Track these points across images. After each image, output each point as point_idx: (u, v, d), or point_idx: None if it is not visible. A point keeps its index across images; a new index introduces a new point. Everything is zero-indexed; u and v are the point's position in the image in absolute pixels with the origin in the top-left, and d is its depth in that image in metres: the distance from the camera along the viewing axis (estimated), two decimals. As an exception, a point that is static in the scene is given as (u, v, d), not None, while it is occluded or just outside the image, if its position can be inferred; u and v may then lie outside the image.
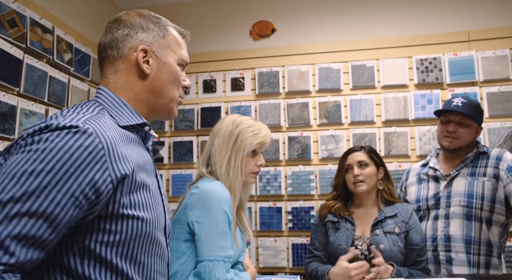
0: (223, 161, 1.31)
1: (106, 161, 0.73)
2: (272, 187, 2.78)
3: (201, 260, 1.16)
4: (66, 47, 2.37)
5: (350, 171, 1.73)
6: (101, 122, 0.77)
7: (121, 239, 0.75)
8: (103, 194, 0.72)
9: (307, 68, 2.85)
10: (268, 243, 2.73)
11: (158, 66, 0.91)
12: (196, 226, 1.19)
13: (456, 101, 1.87)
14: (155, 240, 0.83)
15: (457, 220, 1.80)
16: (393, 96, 2.70)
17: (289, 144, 2.80)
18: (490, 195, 1.77)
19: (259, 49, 2.96)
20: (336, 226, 1.69)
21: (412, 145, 2.65)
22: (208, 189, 1.22)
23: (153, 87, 0.91)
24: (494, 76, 2.60)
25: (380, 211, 1.69)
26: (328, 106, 2.78)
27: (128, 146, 0.82)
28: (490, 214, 1.77)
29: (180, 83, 0.96)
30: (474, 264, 1.75)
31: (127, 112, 0.88)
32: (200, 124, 2.93)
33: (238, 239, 1.30)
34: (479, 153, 1.88)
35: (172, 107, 0.95)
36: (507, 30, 2.63)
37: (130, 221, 0.76)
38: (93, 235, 0.74)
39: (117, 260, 0.75)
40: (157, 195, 0.87)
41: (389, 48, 2.76)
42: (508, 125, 2.53)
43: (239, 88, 2.93)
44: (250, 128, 1.34)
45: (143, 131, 0.92)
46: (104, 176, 0.72)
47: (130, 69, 0.89)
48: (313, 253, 1.72)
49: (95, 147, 0.72)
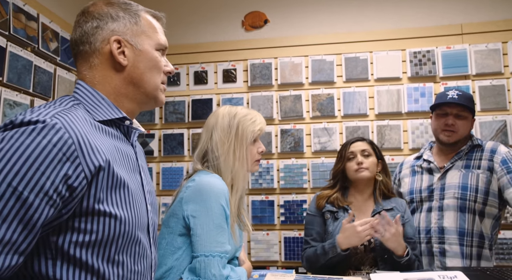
0: (228, 154, 1.27)
1: (78, 157, 0.69)
2: (264, 180, 2.75)
3: (197, 256, 1.12)
4: (52, 35, 2.28)
5: (353, 159, 1.72)
6: (71, 115, 0.73)
7: (97, 239, 0.71)
8: (77, 190, 0.68)
9: (300, 60, 2.81)
10: (260, 237, 2.70)
11: (134, 56, 0.86)
12: (191, 221, 1.15)
13: (451, 93, 1.86)
14: (135, 239, 0.78)
15: (451, 212, 1.80)
16: (386, 89, 2.69)
17: (281, 137, 2.77)
18: (484, 187, 1.78)
19: (252, 40, 2.91)
20: (335, 216, 1.67)
21: (405, 138, 2.65)
22: (205, 182, 1.18)
23: (132, 78, 0.86)
24: (486, 70, 2.60)
25: (377, 203, 1.69)
26: (321, 99, 2.76)
27: (104, 140, 0.77)
28: (483, 206, 1.77)
29: (161, 69, 0.90)
30: (467, 256, 1.76)
31: (104, 106, 0.83)
32: (191, 117, 2.87)
33: (236, 235, 1.26)
34: (474, 146, 1.88)
35: (157, 94, 0.90)
36: (500, 24, 2.63)
37: (107, 219, 0.72)
38: (66, 235, 0.69)
39: (93, 261, 0.71)
40: (138, 193, 0.82)
41: (382, 41, 2.74)
42: (499, 119, 2.55)
43: (231, 79, 2.88)
44: (247, 117, 1.32)
45: (124, 125, 0.87)
46: (77, 172, 0.68)
47: (105, 63, 0.84)
48: (310, 243, 1.68)
49: (65, 142, 0.68)
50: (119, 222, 0.74)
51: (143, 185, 0.88)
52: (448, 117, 1.84)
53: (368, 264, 1.61)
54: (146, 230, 0.84)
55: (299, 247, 2.66)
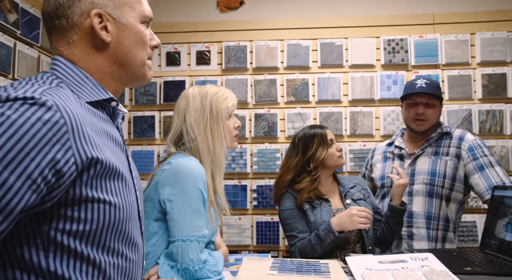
0: (205, 134, 1.24)
1: (69, 140, 0.62)
2: (237, 165, 2.72)
3: (174, 240, 1.09)
4: (11, 6, 2.11)
5: (333, 145, 1.73)
6: (62, 94, 0.65)
7: (92, 227, 0.66)
8: (65, 177, 0.61)
9: (275, 44, 2.77)
10: (233, 221, 2.69)
11: (118, 31, 0.77)
12: (168, 205, 1.11)
13: (419, 82, 1.89)
14: (129, 227, 0.73)
15: (420, 197, 1.86)
16: (360, 75, 2.71)
17: (255, 121, 2.74)
18: (452, 173, 1.84)
19: (227, 22, 2.83)
20: (312, 205, 1.67)
21: (377, 125, 2.70)
22: (182, 165, 1.13)
23: (116, 56, 0.78)
24: (455, 60, 2.68)
25: (340, 185, 1.75)
26: (296, 84, 2.74)
27: (96, 124, 0.71)
28: (450, 192, 1.85)
29: (147, 43, 0.83)
30: (433, 239, 1.83)
31: (90, 86, 0.75)
32: (163, 99, 2.78)
33: (213, 219, 1.24)
34: (443, 133, 1.94)
35: (144, 72, 0.83)
36: (469, 15, 2.70)
37: (102, 206, 0.67)
38: (59, 224, 0.63)
39: (88, 250, 0.66)
40: (128, 179, 0.77)
41: (358, 27, 2.75)
42: (465, 108, 2.64)
43: (205, 62, 2.80)
44: (219, 94, 1.30)
45: (110, 107, 0.80)
46: (66, 156, 0.61)
47: (85, 39, 0.76)
48: (298, 237, 1.61)
49: (56, 122, 0.60)
50: (114, 209, 0.69)
51: (131, 170, 0.82)
52: (418, 106, 1.88)
53: (353, 241, 1.64)
54: (137, 217, 0.79)
55: (271, 231, 2.67)
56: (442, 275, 1.12)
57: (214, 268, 1.13)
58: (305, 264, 1.24)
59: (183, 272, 1.07)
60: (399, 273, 1.15)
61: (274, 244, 2.66)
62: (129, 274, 0.74)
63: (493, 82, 2.64)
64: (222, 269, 1.19)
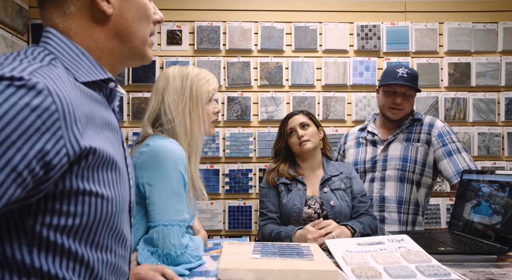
0: (183, 116, 1.18)
1: (61, 128, 0.54)
2: (209, 149, 2.68)
3: (154, 225, 1.04)
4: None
5: (294, 134, 1.72)
6: (54, 75, 0.57)
7: (82, 222, 0.60)
8: (55, 169, 0.55)
9: (249, 26, 2.71)
10: (204, 206, 2.66)
11: (121, 2, 0.70)
12: (147, 188, 1.06)
13: (401, 71, 1.90)
14: (120, 220, 0.68)
15: (392, 182, 1.91)
16: (333, 60, 2.72)
17: (228, 105, 2.69)
18: (422, 159, 1.90)
19: (199, 1, 2.73)
20: (288, 188, 1.67)
21: (349, 111, 2.73)
22: (162, 147, 1.08)
23: (117, 31, 0.71)
24: (424, 48, 2.75)
25: (326, 171, 1.73)
26: (269, 67, 2.71)
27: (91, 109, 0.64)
28: (420, 177, 1.91)
29: (150, 17, 0.76)
30: (404, 222, 1.90)
31: (87, 64, 0.67)
32: (132, 79, 2.66)
33: (192, 202, 1.20)
34: (414, 120, 1.98)
35: (145, 50, 0.76)
36: (438, 5, 2.77)
37: (94, 200, 0.61)
38: (45, 218, 0.57)
39: (76, 246, 0.60)
40: (123, 168, 0.71)
41: (332, 12, 2.74)
42: (432, 95, 2.73)
43: (176, 42, 2.70)
44: (200, 76, 1.24)
45: (108, 88, 0.72)
46: (57, 147, 0.54)
47: (84, 10, 0.68)
48: (267, 215, 1.68)
49: (47, 108, 0.53)
50: (106, 202, 0.63)
51: (126, 157, 0.75)
52: (396, 96, 1.90)
53: None
54: (128, 209, 0.73)
55: (243, 216, 2.67)
56: (419, 255, 1.16)
57: (195, 253, 1.10)
58: (286, 247, 1.24)
59: (164, 258, 1.03)
60: (378, 255, 1.18)
61: (246, 228, 2.66)
62: (116, 268, 0.69)
63: (459, 71, 2.74)
64: (202, 253, 1.16)
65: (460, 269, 1.14)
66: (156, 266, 0.95)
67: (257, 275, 0.99)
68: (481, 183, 1.48)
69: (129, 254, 0.74)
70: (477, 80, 2.73)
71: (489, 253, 1.23)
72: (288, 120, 1.76)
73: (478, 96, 2.73)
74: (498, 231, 1.31)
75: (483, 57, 2.74)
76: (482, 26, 2.74)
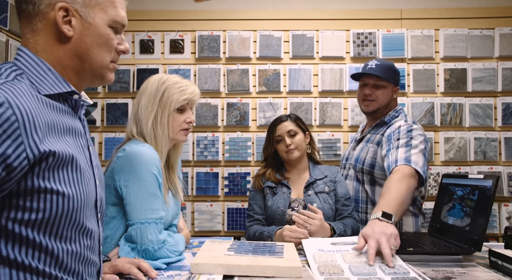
0: (149, 118, 1.27)
1: (21, 135, 0.64)
2: (209, 153, 2.79)
3: (132, 223, 1.14)
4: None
5: (282, 142, 1.79)
6: (16, 89, 0.67)
7: (45, 217, 0.69)
8: (16, 171, 0.64)
9: (248, 34, 2.82)
10: (204, 208, 2.77)
11: (82, 28, 0.79)
12: (124, 190, 1.16)
13: (370, 64, 1.92)
14: (83, 216, 0.76)
15: (350, 181, 1.94)
16: (330, 67, 2.80)
17: (227, 110, 2.80)
18: (370, 160, 1.87)
19: (200, 11, 2.85)
20: (273, 191, 1.76)
21: (345, 116, 2.80)
22: (135, 152, 1.18)
23: (77, 52, 0.79)
24: (420, 54, 2.79)
25: (311, 174, 1.80)
26: (267, 74, 2.81)
27: (52, 117, 0.73)
28: (370, 177, 1.88)
29: (112, 47, 0.84)
30: (362, 221, 1.89)
31: (51, 78, 0.76)
32: (136, 86, 2.80)
33: (169, 201, 1.30)
34: (382, 122, 1.93)
35: (104, 73, 0.84)
36: (433, 12, 2.81)
37: (54, 197, 0.70)
38: (10, 213, 0.67)
39: (41, 238, 0.69)
40: (87, 169, 0.80)
41: (329, 20, 2.82)
42: (428, 101, 2.77)
43: (178, 50, 2.83)
44: (176, 85, 1.31)
45: (72, 99, 0.81)
46: (17, 152, 0.64)
47: (49, 29, 0.77)
48: (253, 217, 1.78)
49: (7, 119, 0.63)
50: (67, 200, 0.72)
51: (92, 160, 0.85)
52: (365, 87, 1.92)
53: None
54: (94, 205, 0.83)
55: (242, 217, 2.76)
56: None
57: (174, 248, 1.20)
58: (262, 245, 1.33)
59: (143, 253, 1.13)
60: (347, 254, 1.25)
61: (244, 229, 2.75)
62: (83, 258, 0.78)
63: (455, 76, 2.77)
64: (183, 249, 1.26)
65: (424, 268, 1.20)
66: (133, 260, 1.06)
67: (226, 269, 1.08)
68: (456, 187, 1.54)
69: (98, 245, 0.85)
70: (473, 85, 2.75)
71: (454, 253, 1.29)
72: (276, 126, 1.83)
73: (475, 101, 2.75)
74: (466, 233, 1.37)
75: (479, 62, 2.76)
76: (479, 32, 2.77)
